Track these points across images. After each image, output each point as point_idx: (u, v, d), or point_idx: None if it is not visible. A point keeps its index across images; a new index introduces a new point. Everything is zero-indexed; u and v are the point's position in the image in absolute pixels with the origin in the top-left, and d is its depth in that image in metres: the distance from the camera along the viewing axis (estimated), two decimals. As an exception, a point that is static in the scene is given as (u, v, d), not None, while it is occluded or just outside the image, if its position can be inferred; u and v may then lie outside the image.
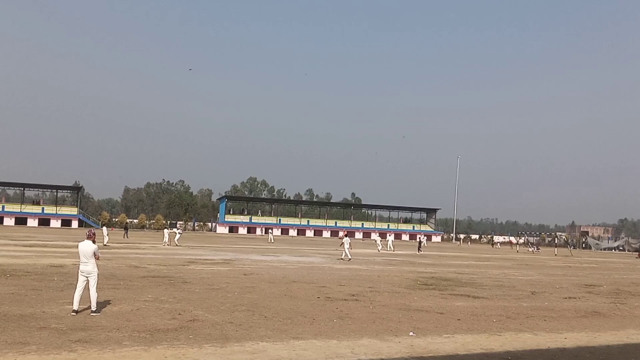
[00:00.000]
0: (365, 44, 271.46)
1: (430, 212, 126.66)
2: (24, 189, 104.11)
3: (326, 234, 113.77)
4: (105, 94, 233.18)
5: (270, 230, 67.72)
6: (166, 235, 42.60)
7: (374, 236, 53.67)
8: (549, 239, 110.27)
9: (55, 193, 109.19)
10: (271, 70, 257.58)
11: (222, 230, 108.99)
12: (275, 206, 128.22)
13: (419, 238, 56.55)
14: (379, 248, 48.92)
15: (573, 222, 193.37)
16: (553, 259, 49.17)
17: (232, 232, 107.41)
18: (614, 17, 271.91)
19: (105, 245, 34.90)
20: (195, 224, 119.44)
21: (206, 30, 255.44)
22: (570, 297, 17.40)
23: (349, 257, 32.17)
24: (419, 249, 49.79)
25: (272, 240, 61.13)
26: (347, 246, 32.82)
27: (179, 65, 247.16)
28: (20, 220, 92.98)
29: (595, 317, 13.33)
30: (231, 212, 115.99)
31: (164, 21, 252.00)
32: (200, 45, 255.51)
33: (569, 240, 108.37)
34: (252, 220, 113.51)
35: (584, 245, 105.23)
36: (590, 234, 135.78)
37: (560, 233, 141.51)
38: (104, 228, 40.21)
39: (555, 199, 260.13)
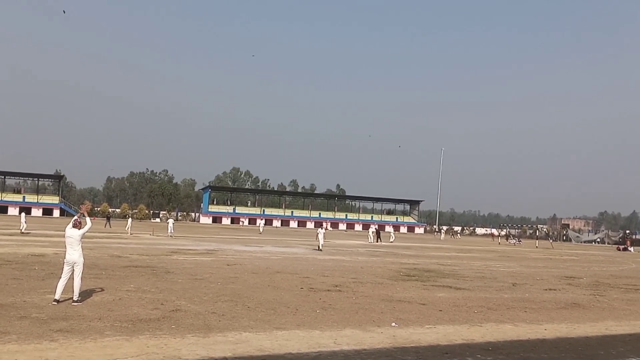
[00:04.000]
0: (352, 37, 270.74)
1: (414, 203, 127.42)
2: (4, 177, 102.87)
3: (310, 224, 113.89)
4: (87, 82, 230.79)
5: (260, 221, 69.98)
6: (128, 223, 45.05)
7: (372, 228, 54.43)
8: (531, 231, 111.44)
9: (36, 182, 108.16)
10: (256, 62, 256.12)
11: (206, 220, 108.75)
12: (259, 197, 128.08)
13: (373, 228, 57.61)
14: (370, 240, 49.58)
15: (554, 215, 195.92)
16: (534, 251, 49.64)
17: (216, 222, 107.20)
18: (596, 19, 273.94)
19: (21, 232, 34.91)
20: (179, 214, 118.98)
21: (190, 20, 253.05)
22: (550, 289, 17.58)
23: (320, 247, 32.63)
24: (378, 239, 51.76)
25: (262, 231, 62.19)
26: (322, 237, 33.41)
27: (164, 55, 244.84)
28: (1, 209, 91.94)
29: (575, 308, 13.49)
30: (215, 202, 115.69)
31: (146, 9, 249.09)
32: (185, 35, 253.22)
33: (550, 233, 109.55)
34: (236, 211, 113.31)
35: (564, 238, 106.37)
36: (571, 227, 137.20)
37: (541, 225, 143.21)
38: (23, 215, 39.31)
39: (537, 192, 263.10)
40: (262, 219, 75.14)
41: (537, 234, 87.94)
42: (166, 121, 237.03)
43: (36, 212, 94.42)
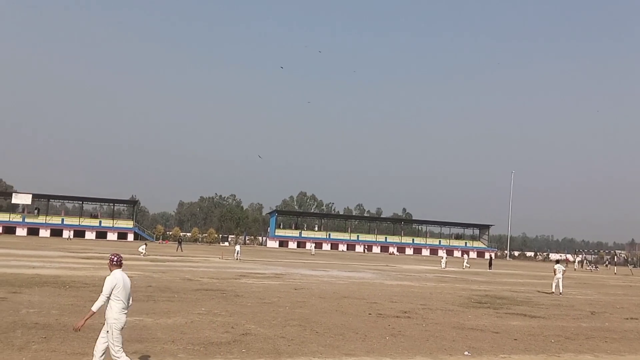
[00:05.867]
0: (414, 55, 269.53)
1: (483, 228, 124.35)
2: (82, 203, 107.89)
3: (376, 249, 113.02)
4: (160, 115, 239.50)
5: (311, 244, 79.83)
6: (142, 249, 41.73)
7: (441, 253, 53.51)
8: (608, 257, 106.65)
9: (112, 207, 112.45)
10: (319, 86, 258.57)
11: (273, 244, 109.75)
12: (325, 221, 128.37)
13: (491, 255, 58.17)
14: (443, 266, 48.07)
15: (633, 239, 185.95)
16: (612, 278, 47.49)
17: (282, 246, 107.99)
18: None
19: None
20: (246, 238, 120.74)
21: (254, 48, 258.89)
22: (632, 318, 16.74)
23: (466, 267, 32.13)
24: (489, 266, 50.35)
25: (314, 253, 67.54)
26: (466, 262, 33.15)
27: (228, 85, 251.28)
28: (79, 233, 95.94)
29: (661, 339, 12.74)
30: (281, 226, 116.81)
31: (218, 43, 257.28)
32: (248, 63, 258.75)
33: (629, 259, 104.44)
34: (302, 235, 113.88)
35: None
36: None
37: (619, 251, 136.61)
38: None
39: (614, 215, 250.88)
40: (312, 242, 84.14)
41: (615, 259, 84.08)
42: (234, 147, 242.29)
43: (111, 236, 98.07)
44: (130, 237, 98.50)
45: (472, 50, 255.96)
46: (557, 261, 28.09)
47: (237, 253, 43.63)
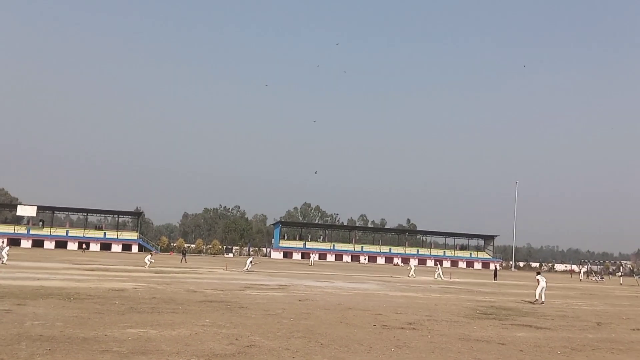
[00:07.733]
0: (418, 66, 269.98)
1: (488, 238, 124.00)
2: (87, 215, 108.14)
3: (380, 260, 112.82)
4: (163, 125, 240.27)
5: (312, 254, 78.93)
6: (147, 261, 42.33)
7: (412, 262, 53.64)
8: (614, 267, 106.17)
9: (116, 218, 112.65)
10: (324, 96, 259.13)
11: (277, 255, 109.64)
12: (329, 232, 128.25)
13: (496, 266, 58.56)
14: (411, 274, 48.19)
15: (638, 250, 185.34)
16: (618, 289, 47.25)
17: (287, 257, 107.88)
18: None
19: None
20: (251, 249, 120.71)
21: (255, 60, 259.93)
22: (638, 329, 16.64)
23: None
24: (495, 277, 51.31)
25: (312, 264, 67.61)
26: (413, 271, 32.84)
27: (232, 97, 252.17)
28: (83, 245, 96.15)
29: (668, 351, 12.65)
30: (285, 237, 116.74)
31: (221, 58, 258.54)
32: (252, 74, 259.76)
33: (635, 269, 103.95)
34: (306, 246, 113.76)
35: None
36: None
37: (625, 261, 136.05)
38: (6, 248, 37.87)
39: (619, 225, 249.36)
40: (314, 253, 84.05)
41: (621, 270, 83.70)
42: (238, 158, 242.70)
43: (116, 247, 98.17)
44: (135, 248, 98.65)
45: (478, 61, 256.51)
46: (538, 272, 28.44)
47: (249, 264, 43.88)
